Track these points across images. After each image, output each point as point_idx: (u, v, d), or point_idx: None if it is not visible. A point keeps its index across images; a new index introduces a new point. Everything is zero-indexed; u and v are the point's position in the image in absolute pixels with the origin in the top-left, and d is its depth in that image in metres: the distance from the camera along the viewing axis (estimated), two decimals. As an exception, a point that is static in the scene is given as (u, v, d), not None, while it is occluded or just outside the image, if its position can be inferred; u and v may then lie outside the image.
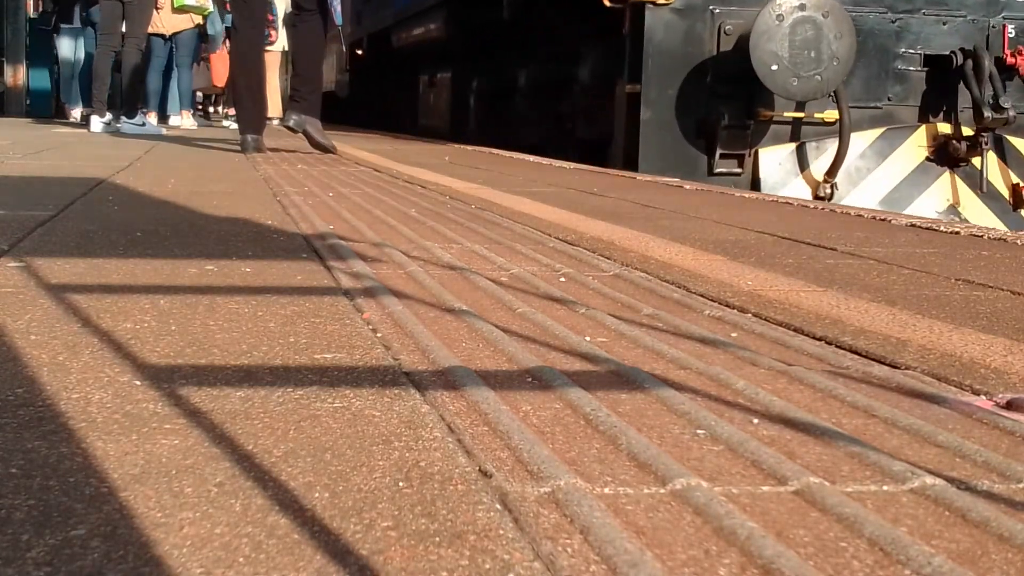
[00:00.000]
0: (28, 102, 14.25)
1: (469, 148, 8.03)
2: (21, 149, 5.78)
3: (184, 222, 2.66)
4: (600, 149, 6.71)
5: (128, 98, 8.88)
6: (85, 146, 6.42)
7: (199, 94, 15.36)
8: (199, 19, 10.78)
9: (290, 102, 6.09)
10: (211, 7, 10.61)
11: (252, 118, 6.16)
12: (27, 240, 2.22)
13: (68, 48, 11.61)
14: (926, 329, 1.57)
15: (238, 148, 6.19)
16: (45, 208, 2.81)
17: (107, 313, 1.50)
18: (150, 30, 9.91)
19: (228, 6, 7.04)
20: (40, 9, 14.65)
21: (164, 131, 9.04)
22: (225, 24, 11.16)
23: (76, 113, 11.34)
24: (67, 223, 2.54)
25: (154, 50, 10.46)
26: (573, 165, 6.12)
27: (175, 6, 10.28)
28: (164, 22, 10.30)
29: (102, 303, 1.57)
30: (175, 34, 10.58)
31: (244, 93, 6.12)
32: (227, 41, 11.95)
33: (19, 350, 1.27)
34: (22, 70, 14.12)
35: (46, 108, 14.17)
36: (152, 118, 9.83)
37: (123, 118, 8.76)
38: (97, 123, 8.66)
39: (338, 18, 6.38)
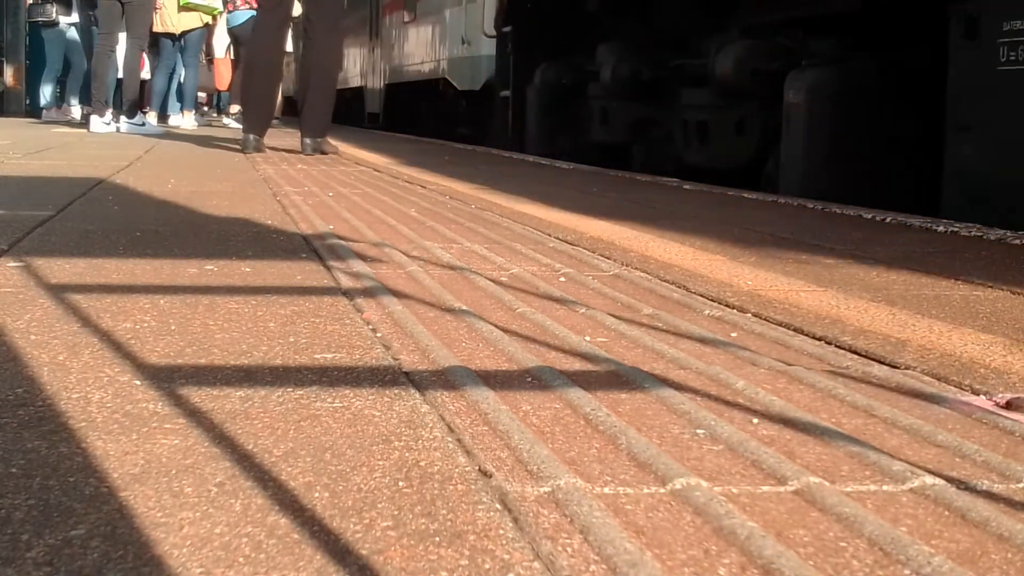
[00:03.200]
0: (28, 102, 14.25)
1: (469, 148, 8.03)
2: (21, 149, 5.78)
3: (184, 222, 2.66)
4: None
5: (128, 98, 8.87)
6: (85, 146, 6.42)
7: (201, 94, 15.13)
8: (208, 18, 10.74)
9: (305, 124, 6.05)
10: (219, 6, 10.59)
11: (258, 120, 6.17)
12: (27, 240, 2.22)
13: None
14: (926, 329, 1.58)
15: (238, 148, 6.19)
16: (45, 208, 2.81)
17: (107, 313, 1.50)
18: (160, 30, 9.92)
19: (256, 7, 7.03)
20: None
21: (162, 130, 9.04)
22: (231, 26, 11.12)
23: (76, 112, 11.31)
24: (67, 223, 2.54)
25: (164, 50, 10.45)
26: (572, 165, 6.13)
27: (181, 3, 10.27)
28: (173, 21, 10.29)
29: (102, 303, 1.57)
30: (184, 33, 10.55)
31: (258, 96, 6.10)
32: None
33: (19, 350, 1.27)
34: (22, 70, 14.12)
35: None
36: (152, 117, 9.82)
37: (123, 118, 8.76)
38: (97, 123, 8.66)
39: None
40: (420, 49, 11.28)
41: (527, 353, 1.33)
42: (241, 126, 6.53)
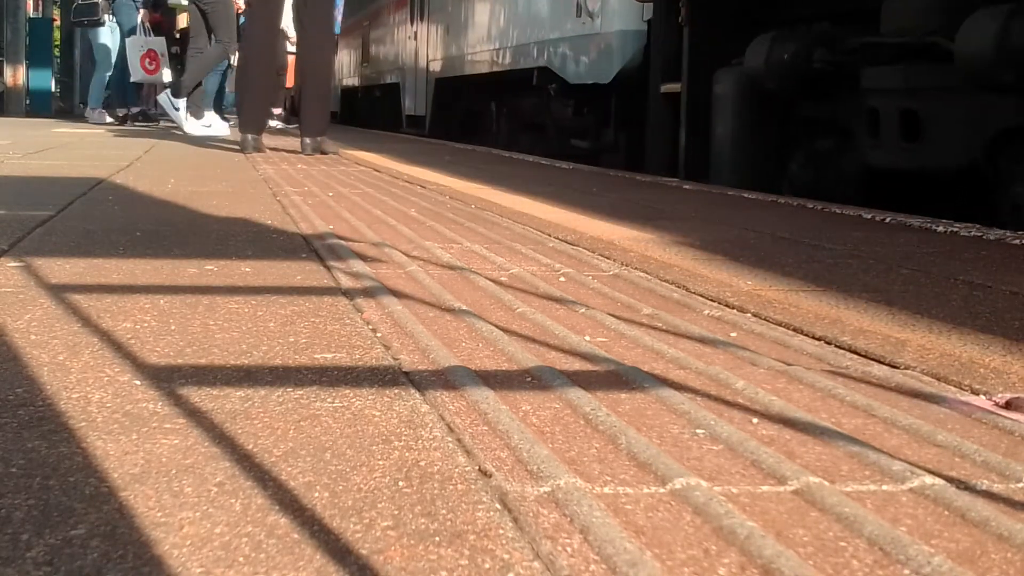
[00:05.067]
0: (28, 102, 14.25)
1: (469, 148, 8.02)
2: (21, 149, 5.78)
3: (184, 222, 2.66)
4: None
5: (193, 98, 8.85)
6: (85, 146, 6.42)
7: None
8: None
9: (304, 124, 6.10)
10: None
11: (255, 119, 6.18)
12: (27, 240, 2.22)
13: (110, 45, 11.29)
14: (925, 329, 1.58)
15: (237, 148, 6.20)
16: (45, 208, 2.81)
17: (107, 313, 1.50)
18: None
19: (240, 9, 7.03)
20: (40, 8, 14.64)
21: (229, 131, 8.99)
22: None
23: (96, 114, 11.14)
24: (67, 223, 2.54)
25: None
26: (572, 165, 6.12)
27: (170, 4, 10.27)
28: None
29: (102, 303, 1.57)
30: (181, 30, 10.48)
31: (254, 94, 6.12)
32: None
33: (19, 350, 1.27)
34: (22, 70, 14.14)
35: (46, 107, 14.16)
36: (211, 117, 9.70)
37: (189, 117, 8.74)
38: (195, 125, 8.57)
39: (336, 27, 6.36)
40: (495, 28, 8.16)
41: (527, 353, 1.33)
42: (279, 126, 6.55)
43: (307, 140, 6.01)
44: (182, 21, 10.50)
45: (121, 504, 0.80)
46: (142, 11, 10.56)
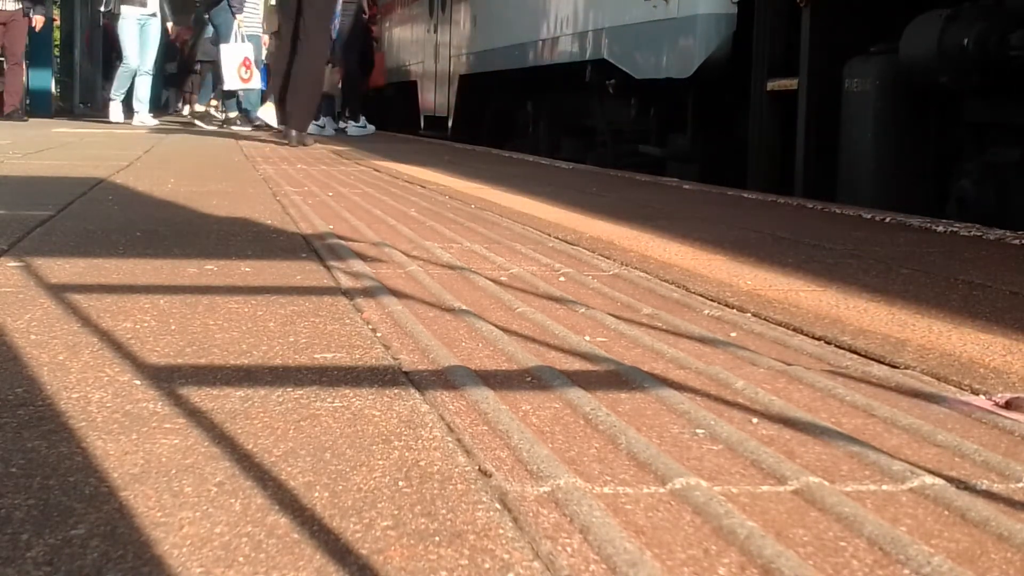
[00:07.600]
0: (28, 102, 14.23)
1: (469, 148, 8.01)
2: (21, 149, 5.78)
3: (184, 222, 2.66)
4: None
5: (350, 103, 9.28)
6: (85, 146, 6.42)
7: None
8: None
9: (291, 118, 6.53)
10: None
11: (306, 116, 6.65)
12: (27, 240, 2.22)
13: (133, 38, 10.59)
14: (925, 329, 1.58)
15: (238, 146, 6.22)
16: (45, 208, 2.81)
17: (107, 313, 1.50)
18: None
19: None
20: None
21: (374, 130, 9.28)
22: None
23: (118, 114, 10.68)
24: (67, 223, 2.53)
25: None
26: (572, 165, 6.12)
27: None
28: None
29: (102, 303, 1.57)
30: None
31: (287, 90, 6.45)
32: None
33: (19, 350, 1.27)
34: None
35: (46, 108, 14.12)
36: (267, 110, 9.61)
37: (350, 122, 9.26)
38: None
39: (335, 33, 6.72)
40: (536, 16, 7.18)
41: (527, 353, 1.33)
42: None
43: (293, 133, 6.55)
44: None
45: (121, 504, 0.80)
46: (238, 16, 10.05)
